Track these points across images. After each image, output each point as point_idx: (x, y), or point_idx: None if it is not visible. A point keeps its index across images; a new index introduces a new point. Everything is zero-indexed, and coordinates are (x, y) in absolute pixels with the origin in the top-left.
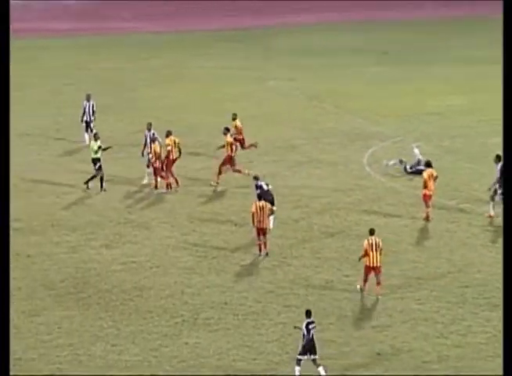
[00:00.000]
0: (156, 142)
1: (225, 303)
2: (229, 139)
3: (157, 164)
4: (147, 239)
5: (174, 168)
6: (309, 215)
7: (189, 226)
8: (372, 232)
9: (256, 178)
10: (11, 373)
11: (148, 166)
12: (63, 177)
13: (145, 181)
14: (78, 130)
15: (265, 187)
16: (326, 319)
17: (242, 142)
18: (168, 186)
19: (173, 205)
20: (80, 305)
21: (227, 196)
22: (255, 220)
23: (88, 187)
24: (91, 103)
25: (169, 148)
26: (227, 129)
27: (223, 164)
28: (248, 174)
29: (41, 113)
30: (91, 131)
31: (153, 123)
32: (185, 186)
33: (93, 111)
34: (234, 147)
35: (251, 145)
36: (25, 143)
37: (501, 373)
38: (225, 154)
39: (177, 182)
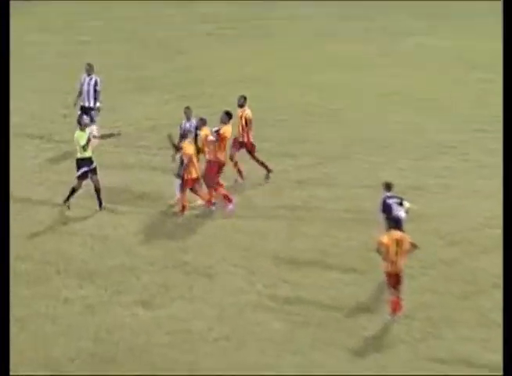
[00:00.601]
0: (189, 138)
1: None
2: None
3: (191, 175)
4: (210, 293)
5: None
6: (471, 255)
7: (277, 273)
8: None
9: (388, 186)
10: None
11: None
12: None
13: (198, 201)
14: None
15: (394, 210)
16: None
17: (249, 147)
18: (226, 198)
19: (249, 239)
20: None
21: (334, 224)
22: (388, 260)
23: (68, 206)
24: (94, 78)
25: (211, 137)
26: (229, 115)
27: (212, 182)
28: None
29: (43, 89)
30: (92, 120)
31: (211, 105)
32: (268, 208)
33: (95, 90)
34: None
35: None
36: (17, 143)
37: None
38: (213, 160)
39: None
